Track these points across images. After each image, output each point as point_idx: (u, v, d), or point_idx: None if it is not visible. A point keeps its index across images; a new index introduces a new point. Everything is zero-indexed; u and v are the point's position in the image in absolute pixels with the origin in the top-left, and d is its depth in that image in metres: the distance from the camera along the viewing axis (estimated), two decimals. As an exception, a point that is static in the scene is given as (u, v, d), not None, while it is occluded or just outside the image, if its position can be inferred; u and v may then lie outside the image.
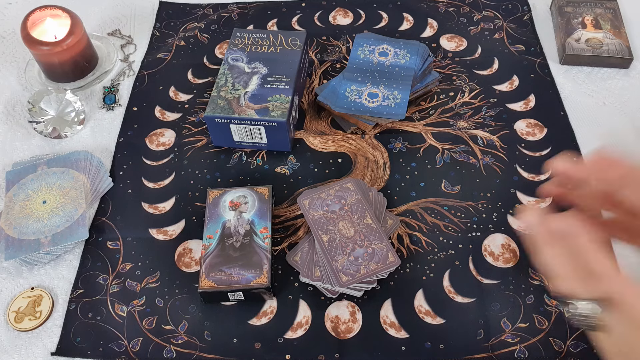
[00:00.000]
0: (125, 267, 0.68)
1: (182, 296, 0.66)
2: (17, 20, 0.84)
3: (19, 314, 0.65)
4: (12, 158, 0.79)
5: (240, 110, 0.74)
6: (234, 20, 0.95)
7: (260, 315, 0.64)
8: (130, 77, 0.88)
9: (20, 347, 0.63)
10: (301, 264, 0.65)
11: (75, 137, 0.82)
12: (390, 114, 0.76)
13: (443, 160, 0.76)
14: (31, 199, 0.72)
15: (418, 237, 0.69)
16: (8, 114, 0.84)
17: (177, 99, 0.85)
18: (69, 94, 0.80)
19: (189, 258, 0.69)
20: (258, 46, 0.81)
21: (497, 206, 0.71)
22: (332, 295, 0.64)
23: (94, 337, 0.63)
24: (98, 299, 0.66)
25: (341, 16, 0.94)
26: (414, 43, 0.83)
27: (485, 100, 0.82)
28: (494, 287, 0.65)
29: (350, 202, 0.68)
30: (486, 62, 0.86)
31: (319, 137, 0.79)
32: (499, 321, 0.62)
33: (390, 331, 0.62)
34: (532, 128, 0.78)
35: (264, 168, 0.76)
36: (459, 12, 0.93)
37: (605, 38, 0.85)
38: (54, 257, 0.69)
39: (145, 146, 0.80)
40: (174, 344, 0.63)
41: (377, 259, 0.63)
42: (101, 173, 0.75)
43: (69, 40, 0.81)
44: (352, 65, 0.82)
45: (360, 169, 0.75)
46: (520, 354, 0.60)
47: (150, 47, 0.92)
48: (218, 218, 0.68)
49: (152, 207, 0.74)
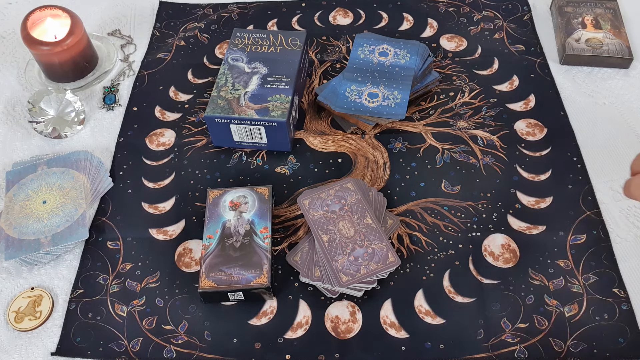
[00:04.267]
0: (125, 267, 0.68)
1: (182, 296, 0.66)
2: (17, 20, 0.84)
3: (19, 314, 0.65)
4: (12, 158, 0.79)
5: (240, 110, 0.74)
6: (234, 20, 0.95)
7: (260, 315, 0.64)
8: (130, 77, 0.88)
9: (20, 347, 0.63)
10: (301, 264, 0.65)
11: (75, 137, 0.82)
12: (390, 114, 0.76)
13: (443, 160, 0.76)
14: (31, 199, 0.72)
15: (418, 237, 0.69)
16: (8, 114, 0.84)
17: (177, 99, 0.85)
18: (69, 94, 0.80)
19: (189, 258, 0.69)
20: (258, 46, 0.81)
21: (497, 206, 0.71)
22: (332, 295, 0.64)
23: (94, 337, 0.63)
24: (98, 299, 0.66)
25: (341, 16, 0.94)
26: (414, 43, 0.83)
27: (485, 100, 0.82)
28: (494, 287, 0.65)
29: (350, 202, 0.68)
30: (486, 62, 0.86)
31: (319, 137, 0.79)
32: (499, 321, 0.62)
33: (390, 331, 0.62)
34: (532, 128, 0.78)
35: (264, 168, 0.76)
36: (459, 12, 0.93)
37: (605, 38, 0.85)
38: (54, 257, 0.69)
39: (145, 146, 0.80)
40: (174, 344, 0.63)
41: (377, 259, 0.63)
42: (101, 173, 0.75)
43: (69, 40, 0.81)
44: (352, 65, 0.82)
45: (360, 169, 0.75)
46: (520, 354, 0.60)
47: (150, 47, 0.92)
48: (218, 218, 0.68)
49: (152, 207, 0.74)
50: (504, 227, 0.69)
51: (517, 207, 0.71)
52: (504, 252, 0.67)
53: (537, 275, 0.65)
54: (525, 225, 0.69)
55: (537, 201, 0.71)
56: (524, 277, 0.65)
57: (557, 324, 0.62)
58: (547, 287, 0.64)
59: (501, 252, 0.67)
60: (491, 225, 0.69)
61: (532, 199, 0.72)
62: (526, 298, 0.64)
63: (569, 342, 0.61)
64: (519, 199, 0.72)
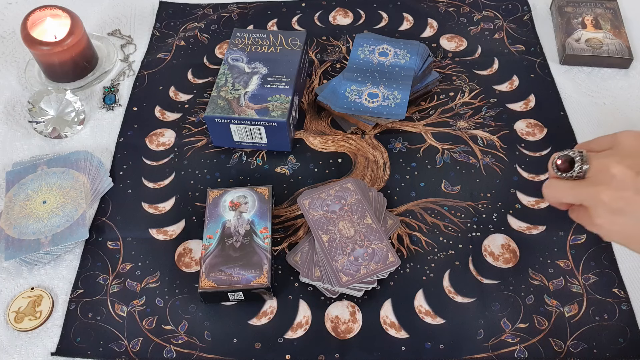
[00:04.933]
0: (125, 267, 0.68)
1: (182, 296, 0.66)
2: (17, 20, 0.84)
3: (19, 314, 0.65)
4: (12, 158, 0.79)
5: (240, 110, 0.74)
6: (234, 20, 0.95)
7: (260, 315, 0.64)
8: (130, 77, 0.88)
9: (20, 347, 0.63)
10: (301, 264, 0.65)
11: (75, 137, 0.82)
12: (390, 114, 0.76)
13: (443, 161, 0.76)
14: (31, 199, 0.72)
15: (418, 237, 0.69)
16: (8, 114, 0.84)
17: (177, 99, 0.85)
18: (69, 94, 0.80)
19: (189, 258, 0.69)
20: (258, 46, 0.81)
21: (497, 206, 0.71)
22: (332, 295, 0.64)
23: (94, 337, 0.63)
24: (98, 299, 0.66)
25: (341, 16, 0.94)
26: (414, 43, 0.83)
27: (485, 101, 0.82)
28: (494, 287, 0.65)
29: (350, 202, 0.68)
30: (486, 62, 0.86)
31: (319, 137, 0.79)
32: (499, 321, 0.62)
33: (390, 331, 0.62)
34: (532, 128, 0.78)
35: (264, 168, 0.76)
36: (459, 12, 0.93)
37: (605, 38, 0.85)
38: (54, 257, 0.69)
39: (145, 146, 0.80)
40: (174, 344, 0.63)
41: (377, 259, 0.63)
42: (101, 173, 0.75)
43: (69, 40, 0.81)
44: (352, 65, 0.82)
45: (360, 169, 0.75)
46: (520, 354, 0.60)
47: (150, 47, 0.92)
48: (218, 218, 0.68)
49: (152, 207, 0.74)
50: (504, 227, 0.69)
51: (517, 207, 0.71)
52: (504, 252, 0.67)
53: (537, 275, 0.65)
54: (525, 225, 0.69)
55: (537, 201, 0.71)
56: (524, 277, 0.65)
57: (557, 324, 0.62)
58: (547, 287, 0.64)
59: (501, 252, 0.67)
60: (491, 226, 0.69)
61: (532, 199, 0.72)
62: (526, 298, 0.64)
63: (569, 342, 0.61)
64: (519, 199, 0.72)
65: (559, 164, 0.52)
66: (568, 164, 0.51)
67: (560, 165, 0.52)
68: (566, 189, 0.51)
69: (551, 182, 0.53)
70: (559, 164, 0.52)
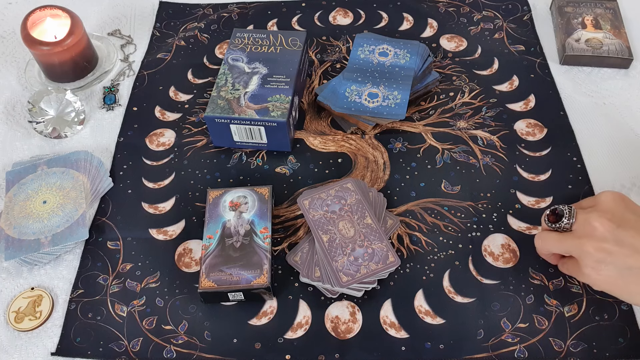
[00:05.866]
0: (125, 267, 0.68)
1: (182, 296, 0.66)
2: (17, 20, 0.84)
3: (19, 314, 0.65)
4: (12, 158, 0.79)
5: (240, 111, 0.74)
6: (234, 20, 0.95)
7: (260, 315, 0.64)
8: (130, 77, 0.88)
9: (20, 347, 0.63)
10: (301, 264, 0.65)
11: (75, 137, 0.82)
12: (390, 114, 0.76)
13: (443, 161, 0.76)
14: (31, 199, 0.72)
15: (418, 237, 0.69)
16: (8, 114, 0.84)
17: (177, 99, 0.85)
18: (69, 94, 0.80)
19: (189, 258, 0.69)
20: (258, 46, 0.81)
21: (497, 206, 0.71)
22: (332, 295, 0.64)
23: (94, 337, 0.63)
24: (98, 299, 0.66)
25: (341, 16, 0.94)
26: (414, 43, 0.83)
27: (485, 101, 0.82)
28: (494, 287, 0.65)
29: (350, 202, 0.68)
30: (486, 62, 0.86)
31: (319, 137, 0.79)
32: (499, 321, 0.62)
33: (390, 331, 0.62)
34: (532, 128, 0.78)
35: (264, 168, 0.76)
36: (459, 12, 0.93)
37: (605, 38, 0.85)
38: (54, 257, 0.69)
39: (145, 146, 0.80)
40: (174, 344, 0.63)
41: (377, 259, 0.63)
42: (101, 173, 0.75)
43: (69, 40, 0.81)
44: (352, 65, 0.82)
45: (360, 169, 0.75)
46: (520, 354, 0.60)
47: (150, 47, 0.92)
48: (218, 218, 0.68)
49: (152, 207, 0.74)
50: (504, 227, 0.69)
51: (517, 207, 0.71)
52: (504, 252, 0.67)
53: (537, 275, 0.65)
54: (525, 225, 0.69)
55: (537, 201, 0.71)
56: (524, 277, 0.65)
57: (557, 323, 0.62)
58: (547, 287, 0.64)
59: (501, 252, 0.67)
60: (491, 225, 0.69)
61: (532, 199, 0.72)
62: (526, 298, 0.64)
63: (569, 342, 0.61)
64: (519, 199, 0.72)
65: (549, 216, 0.59)
66: (557, 216, 0.58)
67: (551, 217, 0.59)
68: (555, 240, 0.58)
69: (542, 234, 0.60)
70: (549, 217, 0.59)
